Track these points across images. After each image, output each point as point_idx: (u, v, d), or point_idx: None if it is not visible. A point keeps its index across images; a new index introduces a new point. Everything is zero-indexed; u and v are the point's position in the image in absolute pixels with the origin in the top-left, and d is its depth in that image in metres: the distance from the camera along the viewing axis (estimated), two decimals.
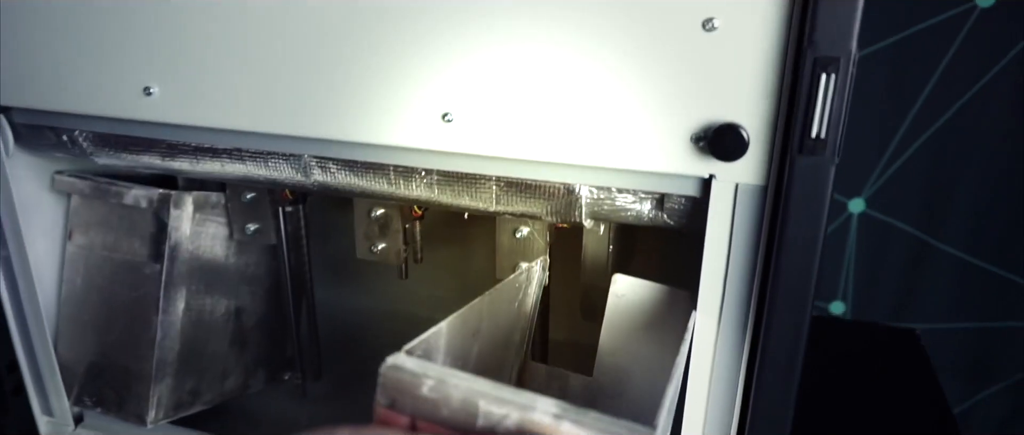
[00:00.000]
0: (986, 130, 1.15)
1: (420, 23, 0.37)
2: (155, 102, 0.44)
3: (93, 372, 0.59)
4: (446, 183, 0.42)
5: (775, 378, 0.37)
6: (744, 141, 0.34)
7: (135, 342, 0.56)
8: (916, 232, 1.26)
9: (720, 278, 0.37)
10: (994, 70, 1.13)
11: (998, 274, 1.23)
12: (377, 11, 0.38)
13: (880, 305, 1.30)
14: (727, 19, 0.33)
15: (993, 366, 1.32)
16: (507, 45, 0.36)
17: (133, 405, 0.57)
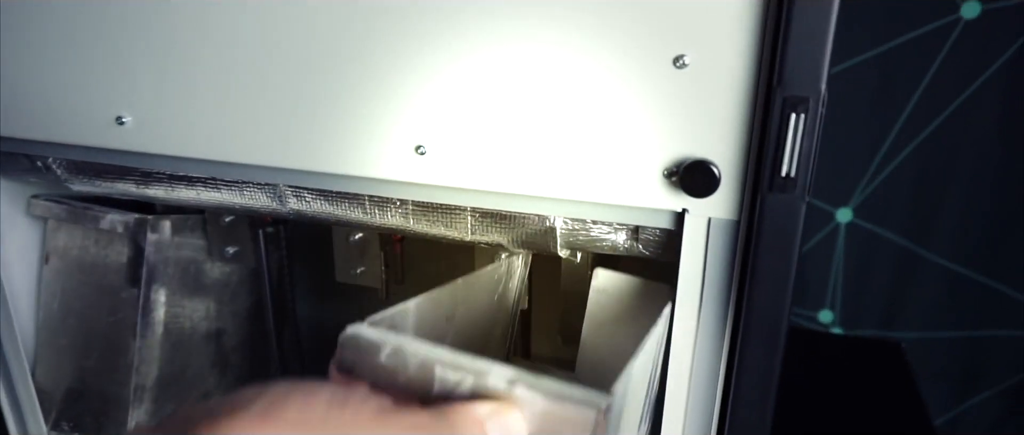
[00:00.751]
0: (972, 140, 1.16)
1: (394, 57, 0.37)
2: (128, 131, 0.44)
3: (71, 397, 0.58)
4: (421, 213, 0.42)
5: (750, 410, 0.37)
6: (715, 178, 0.33)
7: (113, 367, 0.57)
8: (903, 241, 1.27)
9: (695, 308, 0.37)
10: (979, 81, 1.14)
11: (985, 283, 1.24)
12: (351, 44, 0.38)
13: (868, 314, 1.32)
14: (697, 56, 0.32)
15: (980, 374, 1.34)
16: (481, 79, 0.36)
17: (111, 430, 0.57)
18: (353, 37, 0.37)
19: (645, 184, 0.36)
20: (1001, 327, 1.26)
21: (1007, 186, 1.16)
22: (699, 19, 0.32)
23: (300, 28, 0.38)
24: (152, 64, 0.42)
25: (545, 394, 0.24)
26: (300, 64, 0.39)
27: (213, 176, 0.46)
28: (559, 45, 0.34)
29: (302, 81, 0.39)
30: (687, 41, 0.32)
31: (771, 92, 0.31)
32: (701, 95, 0.33)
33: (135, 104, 0.43)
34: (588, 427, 0.25)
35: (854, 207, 1.23)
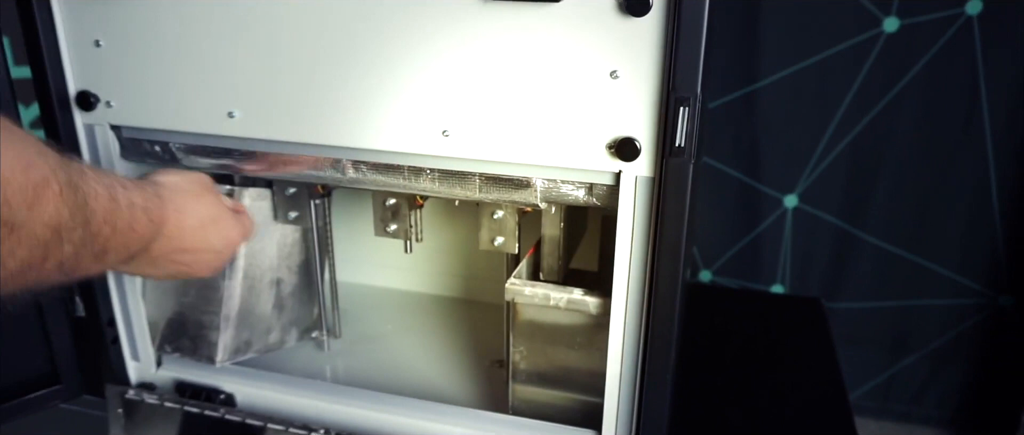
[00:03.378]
0: (897, 136, 1.28)
1: (434, 67, 0.56)
2: (236, 122, 0.63)
3: (172, 326, 0.76)
4: (444, 178, 0.61)
5: (663, 303, 0.56)
6: (637, 149, 0.53)
7: (206, 301, 0.74)
8: (841, 223, 1.38)
9: (629, 235, 0.56)
10: (901, 84, 1.26)
11: (911, 259, 1.36)
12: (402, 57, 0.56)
13: (813, 287, 1.43)
14: (625, 71, 0.52)
15: (909, 339, 1.44)
16: (488, 85, 0.55)
17: (205, 350, 0.75)
18: (404, 53, 0.56)
19: (595, 155, 0.55)
20: (926, 297, 1.38)
21: (928, 174, 1.29)
22: (626, 49, 0.51)
23: (363, 45, 0.57)
24: (254, 73, 0.61)
25: None
26: (364, 70, 0.58)
27: (295, 154, 0.64)
28: (540, 63, 0.53)
29: (363, 83, 0.58)
30: (619, 62, 0.51)
31: (669, 94, 0.50)
32: (628, 96, 0.52)
33: (243, 102, 0.62)
34: None
35: (799, 193, 1.36)
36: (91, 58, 0.65)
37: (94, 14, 0.63)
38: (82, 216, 0.39)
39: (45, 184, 0.36)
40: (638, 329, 0.59)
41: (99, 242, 0.42)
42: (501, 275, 0.94)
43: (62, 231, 0.37)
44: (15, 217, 0.34)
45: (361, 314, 0.95)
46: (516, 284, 0.65)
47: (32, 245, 0.36)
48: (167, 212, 0.50)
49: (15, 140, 0.35)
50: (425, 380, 0.80)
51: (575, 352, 0.66)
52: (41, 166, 0.36)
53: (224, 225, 0.57)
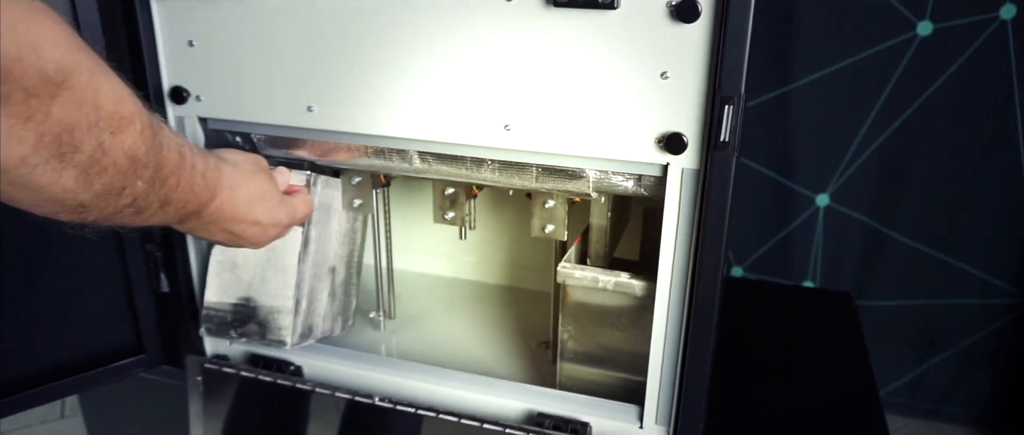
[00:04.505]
0: (929, 137, 1.31)
1: (495, 72, 0.62)
2: (315, 116, 0.69)
3: (238, 311, 0.77)
4: (503, 169, 0.66)
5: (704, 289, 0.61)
6: (684, 143, 0.58)
7: (278, 285, 0.76)
8: (872, 222, 1.41)
9: (675, 223, 0.62)
10: (933, 87, 1.29)
11: (941, 258, 1.39)
12: (475, 58, 0.62)
13: (843, 285, 1.46)
14: (675, 72, 0.57)
15: (938, 338, 1.46)
16: (547, 84, 0.61)
17: (275, 334, 0.77)
18: (472, 53, 0.62)
19: (644, 148, 0.60)
20: (955, 296, 1.41)
21: (959, 175, 1.32)
22: (676, 52, 0.56)
23: (434, 45, 0.63)
24: (331, 70, 0.67)
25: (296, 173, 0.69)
26: (434, 68, 0.64)
27: (367, 145, 0.70)
28: (596, 63, 0.59)
29: (432, 80, 0.64)
30: (669, 63, 0.57)
31: (715, 92, 0.55)
32: (676, 94, 0.57)
33: (320, 97, 0.68)
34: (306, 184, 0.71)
35: (831, 193, 1.40)
36: (184, 56, 0.71)
37: (188, 17, 0.70)
38: (155, 159, 0.45)
39: (131, 119, 0.42)
40: (681, 311, 0.64)
41: (165, 190, 0.47)
42: (545, 264, 1.00)
43: (138, 165, 0.43)
44: (103, 138, 0.40)
45: (412, 298, 1.01)
46: (567, 268, 0.70)
47: (115, 171, 0.41)
48: (222, 183, 0.55)
49: (112, 78, 0.41)
50: (474, 358, 0.85)
51: (620, 333, 0.71)
52: (130, 104, 0.42)
53: (271, 204, 0.62)
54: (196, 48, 0.71)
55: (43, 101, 0.36)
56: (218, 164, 0.56)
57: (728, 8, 0.53)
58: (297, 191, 0.70)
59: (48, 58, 0.35)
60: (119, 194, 0.43)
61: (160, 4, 0.70)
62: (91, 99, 0.38)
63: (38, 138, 0.36)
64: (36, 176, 0.38)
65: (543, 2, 0.58)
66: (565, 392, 0.74)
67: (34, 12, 0.35)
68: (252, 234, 0.61)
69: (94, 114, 0.39)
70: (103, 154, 0.40)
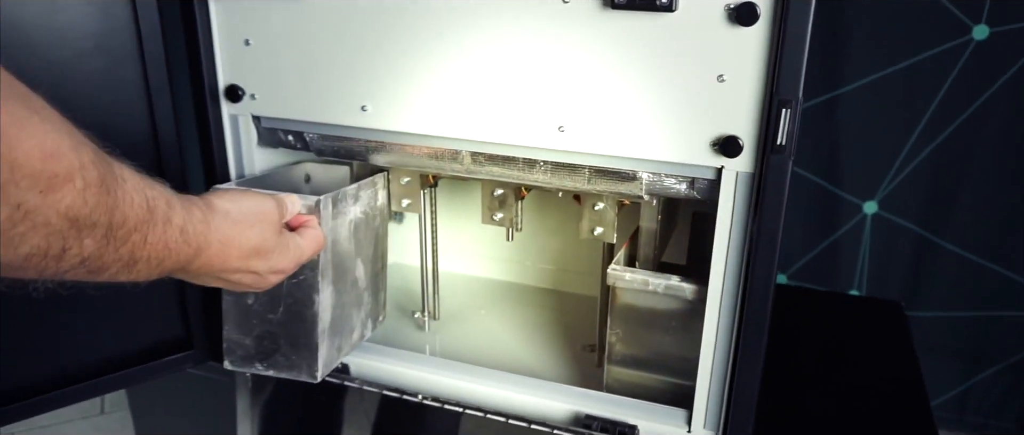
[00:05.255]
0: (982, 144, 1.28)
1: (551, 73, 0.62)
2: (368, 115, 0.70)
3: (262, 344, 0.71)
4: (556, 170, 0.66)
5: (757, 293, 0.60)
6: (740, 146, 0.57)
7: (300, 318, 0.69)
8: (922, 231, 1.38)
9: (728, 225, 0.61)
10: (988, 92, 1.26)
11: (993, 269, 1.35)
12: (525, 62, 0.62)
13: (890, 293, 1.43)
14: (732, 75, 0.56)
15: (988, 351, 1.42)
16: (603, 86, 0.60)
17: (304, 368, 0.71)
18: (528, 54, 0.62)
19: (699, 151, 0.60)
20: (1007, 308, 1.37)
21: (1013, 184, 1.29)
22: (734, 56, 0.55)
23: (490, 46, 0.63)
24: (387, 70, 0.68)
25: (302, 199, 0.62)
26: (489, 69, 0.64)
27: (417, 145, 0.71)
28: (653, 65, 0.58)
29: (487, 81, 0.64)
30: (726, 66, 0.56)
31: (772, 96, 0.55)
32: (733, 97, 0.57)
33: (374, 97, 0.69)
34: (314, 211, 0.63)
35: (879, 200, 1.37)
36: (240, 55, 0.73)
37: (245, 16, 0.71)
38: (107, 217, 0.39)
39: (67, 176, 0.36)
40: (732, 315, 0.63)
41: (127, 248, 0.42)
42: (589, 268, 1.00)
43: (81, 225, 0.38)
44: (25, 199, 0.35)
45: (455, 299, 1.01)
46: (617, 270, 0.70)
47: (48, 232, 0.36)
48: (210, 238, 0.49)
49: (44, 129, 0.35)
50: (519, 359, 0.85)
51: (669, 336, 0.71)
52: (68, 159, 0.36)
53: (273, 256, 0.56)
54: (252, 47, 0.72)
55: None
56: (207, 216, 0.50)
57: (787, 11, 0.52)
58: (305, 223, 0.63)
59: None
60: (60, 256, 0.38)
61: (218, 3, 0.72)
62: (4, 157, 0.33)
63: None
64: None
65: (600, 4, 0.58)
66: (613, 395, 0.73)
67: None
68: (249, 281, 0.56)
69: (9, 174, 0.33)
70: (26, 216, 0.35)
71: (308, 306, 0.69)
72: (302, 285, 0.68)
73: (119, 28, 0.72)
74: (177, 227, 0.45)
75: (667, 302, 0.69)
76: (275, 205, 0.58)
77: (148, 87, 0.74)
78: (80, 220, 0.37)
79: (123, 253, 0.41)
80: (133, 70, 0.73)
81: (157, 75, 0.74)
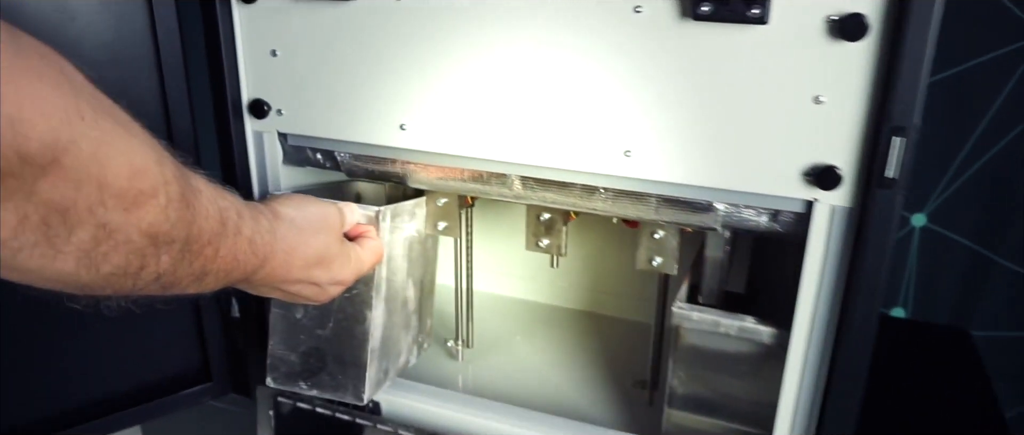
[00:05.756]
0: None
1: (619, 91, 0.55)
2: (407, 134, 0.63)
3: (308, 361, 0.70)
4: (618, 198, 0.60)
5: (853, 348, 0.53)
6: (838, 178, 0.50)
7: (350, 335, 0.67)
8: (974, 246, 1.31)
9: (819, 268, 0.54)
10: None
11: None
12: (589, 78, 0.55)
13: (938, 312, 1.36)
14: (831, 96, 0.49)
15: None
16: (679, 106, 0.53)
17: (351, 388, 0.68)
18: (594, 70, 0.55)
19: (788, 181, 0.53)
20: None
21: None
22: (834, 74, 0.48)
23: (548, 60, 0.56)
24: (427, 86, 0.61)
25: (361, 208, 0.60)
26: (546, 86, 0.57)
27: (461, 168, 0.64)
28: (737, 84, 0.51)
29: (544, 99, 0.57)
30: (825, 86, 0.49)
31: (881, 121, 0.47)
32: (832, 122, 0.50)
33: (414, 114, 0.62)
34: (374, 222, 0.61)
35: (928, 213, 1.30)
36: (266, 67, 0.66)
37: (273, 24, 0.64)
38: (185, 232, 0.39)
39: (152, 193, 0.36)
40: (820, 363, 0.56)
41: (200, 262, 0.41)
42: (632, 289, 0.93)
43: (160, 242, 0.37)
44: (111, 218, 0.34)
45: (490, 323, 0.95)
46: (682, 309, 0.63)
47: (128, 251, 0.35)
48: (276, 247, 0.49)
49: (130, 146, 0.34)
50: (560, 395, 0.79)
51: (739, 380, 0.64)
52: (153, 174, 0.36)
53: (335, 265, 0.55)
54: (279, 58, 0.65)
55: (23, 181, 0.30)
56: (273, 224, 0.49)
57: (906, 25, 0.45)
58: (364, 234, 0.61)
59: (29, 134, 0.29)
60: (137, 274, 0.37)
61: (243, 10, 0.65)
62: (94, 176, 0.32)
63: (19, 221, 0.31)
64: (20, 260, 0.32)
65: (678, 14, 0.51)
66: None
67: (22, 73, 0.29)
68: (310, 293, 0.55)
69: (97, 194, 0.33)
70: (110, 235, 0.34)
71: (359, 322, 0.66)
72: (354, 300, 0.65)
73: (135, 37, 0.66)
74: (246, 238, 0.45)
75: (739, 344, 0.62)
76: (337, 212, 0.57)
77: (165, 100, 0.68)
78: (160, 237, 0.37)
79: (196, 267, 0.41)
80: (150, 82, 0.67)
81: (176, 87, 0.68)
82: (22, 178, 0.30)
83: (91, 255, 0.34)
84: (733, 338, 0.62)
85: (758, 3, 0.47)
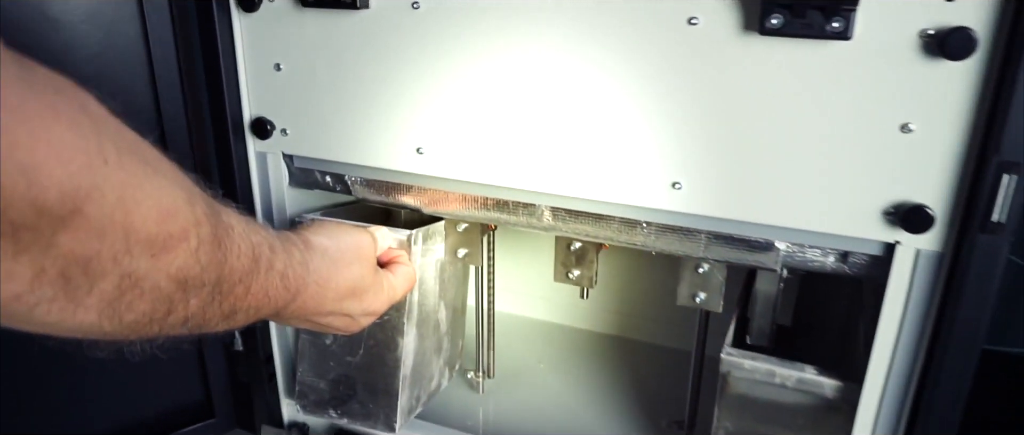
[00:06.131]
0: None
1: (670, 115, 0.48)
2: (424, 159, 0.56)
3: (338, 388, 0.67)
4: (662, 233, 0.53)
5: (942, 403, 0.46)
6: (930, 219, 0.43)
7: (381, 362, 0.65)
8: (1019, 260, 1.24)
9: (897, 321, 0.47)
10: None
11: None
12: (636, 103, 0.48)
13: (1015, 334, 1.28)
14: (922, 124, 0.42)
15: None
16: (739, 132, 0.46)
17: (382, 416, 0.66)
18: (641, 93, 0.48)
19: (865, 220, 0.45)
20: None
21: None
22: (928, 99, 0.41)
23: (589, 82, 0.49)
24: (447, 105, 0.54)
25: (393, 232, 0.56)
26: (582, 108, 0.50)
27: (484, 196, 0.57)
28: (809, 108, 0.44)
29: (578, 122, 0.50)
30: (916, 113, 0.42)
31: (987, 156, 0.40)
32: (923, 154, 0.42)
33: (432, 137, 0.56)
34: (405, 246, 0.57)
35: None
36: (269, 82, 0.60)
37: (277, 35, 0.58)
38: (215, 273, 0.36)
39: (182, 236, 0.32)
40: (895, 423, 0.49)
41: (231, 300, 0.38)
42: (668, 314, 0.86)
43: (189, 287, 0.34)
44: (136, 266, 0.31)
45: (511, 349, 0.88)
46: (732, 356, 0.56)
47: (155, 298, 0.32)
48: (308, 280, 0.46)
49: (159, 186, 0.31)
50: None
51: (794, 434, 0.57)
52: (183, 216, 0.32)
53: (368, 297, 0.52)
54: (284, 73, 0.59)
55: (40, 234, 0.27)
56: (305, 256, 0.46)
57: (1020, 39, 0.38)
58: (395, 259, 0.57)
59: (47, 183, 0.26)
60: (164, 319, 0.34)
61: (244, 19, 0.59)
62: (119, 224, 0.29)
63: (35, 275, 0.28)
64: (37, 314, 0.29)
65: (740, 27, 0.44)
66: None
67: (36, 112, 0.25)
68: (341, 324, 0.52)
69: (123, 242, 0.29)
70: (135, 284, 0.31)
71: (391, 350, 0.64)
72: (386, 326, 0.63)
73: (126, 49, 0.60)
74: (278, 273, 0.42)
75: (796, 396, 0.55)
76: (371, 241, 0.53)
77: (160, 118, 0.62)
78: (189, 281, 0.34)
79: (225, 307, 0.38)
80: (143, 98, 0.62)
81: (171, 105, 0.62)
82: (39, 231, 0.27)
83: (115, 305, 0.31)
84: (790, 389, 0.55)
85: (841, 15, 0.40)
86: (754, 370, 0.56)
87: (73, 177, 0.27)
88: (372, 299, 0.52)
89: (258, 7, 0.57)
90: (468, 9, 0.51)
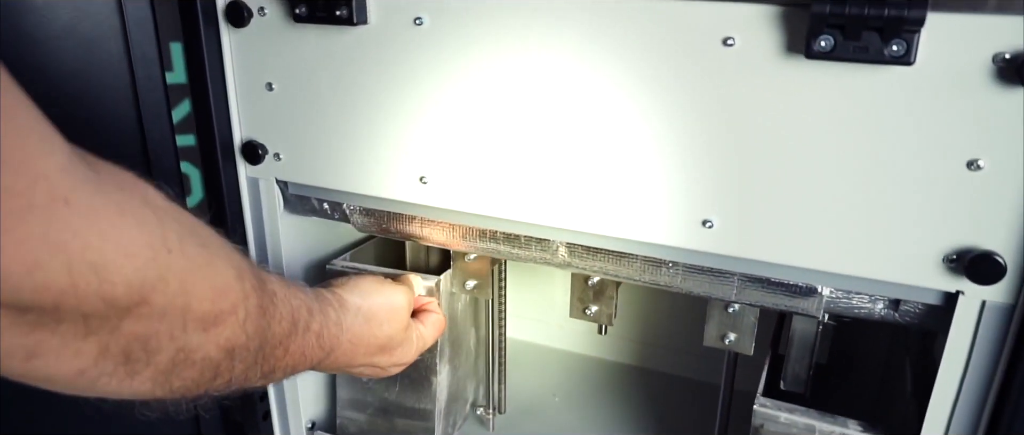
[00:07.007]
0: None
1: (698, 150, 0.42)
2: (429, 189, 0.51)
3: (375, 423, 0.68)
4: (691, 274, 0.47)
5: None
6: (1002, 268, 0.37)
7: (417, 396, 0.66)
8: None
9: (958, 377, 0.41)
10: None
11: None
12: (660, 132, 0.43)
13: None
14: (993, 161, 0.37)
15: None
16: (781, 167, 0.41)
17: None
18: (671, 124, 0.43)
19: (922, 266, 0.40)
20: None
21: None
22: (1001, 133, 0.36)
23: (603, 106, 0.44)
24: (454, 131, 0.49)
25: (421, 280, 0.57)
26: (602, 137, 0.45)
27: (493, 229, 0.52)
28: (861, 141, 0.39)
29: (598, 152, 0.45)
30: (985, 148, 0.37)
31: None
32: (992, 195, 0.37)
33: (437, 165, 0.51)
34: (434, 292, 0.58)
35: None
36: (261, 103, 0.55)
37: (269, 52, 0.53)
38: (259, 340, 0.38)
39: (231, 311, 0.35)
40: None
41: (270, 363, 0.41)
42: (691, 344, 0.81)
43: (236, 354, 0.36)
44: (189, 341, 0.33)
45: (524, 380, 0.83)
46: (767, 408, 0.51)
47: (204, 366, 0.35)
48: (342, 339, 0.48)
49: (214, 266, 0.34)
50: None
51: None
52: (234, 292, 0.35)
53: (398, 352, 0.54)
54: (276, 93, 0.54)
55: (109, 320, 0.29)
56: (340, 315, 0.48)
57: None
58: (425, 307, 0.59)
59: (115, 280, 0.28)
60: (210, 383, 0.36)
61: (233, 35, 0.54)
62: (179, 307, 0.31)
63: (100, 352, 0.30)
64: (98, 386, 0.32)
65: (783, 50, 0.38)
66: None
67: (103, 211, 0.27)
68: (371, 373, 0.54)
69: (181, 321, 0.32)
70: (188, 355, 0.33)
71: (425, 387, 0.66)
72: (419, 365, 0.63)
73: (106, 65, 0.55)
74: (314, 334, 0.44)
75: None
76: (405, 300, 0.54)
77: (144, 140, 0.58)
78: (237, 349, 0.36)
79: (265, 368, 0.40)
80: (126, 119, 0.57)
81: (157, 126, 0.57)
82: (107, 318, 0.29)
83: (168, 375, 0.34)
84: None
85: (902, 38, 0.35)
86: (791, 424, 0.50)
87: (139, 271, 0.29)
88: (402, 353, 0.54)
89: (248, 22, 0.53)
90: (476, 24, 0.46)
